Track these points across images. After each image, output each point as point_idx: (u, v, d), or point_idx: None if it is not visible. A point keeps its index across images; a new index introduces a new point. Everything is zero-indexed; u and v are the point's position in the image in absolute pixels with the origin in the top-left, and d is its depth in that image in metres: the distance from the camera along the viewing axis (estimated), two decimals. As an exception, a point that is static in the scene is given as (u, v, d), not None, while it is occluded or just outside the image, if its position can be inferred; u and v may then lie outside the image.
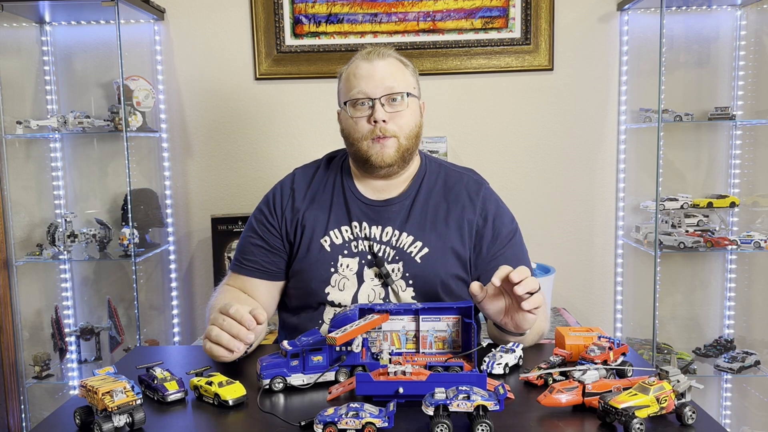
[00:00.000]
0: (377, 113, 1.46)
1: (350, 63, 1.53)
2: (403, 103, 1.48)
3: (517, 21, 2.59)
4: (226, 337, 1.24)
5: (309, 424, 0.99)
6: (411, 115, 1.51)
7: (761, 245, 2.42)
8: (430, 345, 1.30)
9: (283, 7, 2.60)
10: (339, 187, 1.57)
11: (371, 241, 1.51)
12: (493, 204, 1.56)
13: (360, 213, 1.53)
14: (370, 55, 1.50)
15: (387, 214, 1.53)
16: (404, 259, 1.49)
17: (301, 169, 1.64)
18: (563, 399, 1.03)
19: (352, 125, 1.49)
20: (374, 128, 1.47)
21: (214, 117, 2.68)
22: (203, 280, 2.75)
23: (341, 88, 1.54)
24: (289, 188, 1.59)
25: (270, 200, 1.60)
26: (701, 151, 2.66)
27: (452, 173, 1.60)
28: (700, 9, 2.58)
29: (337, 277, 1.49)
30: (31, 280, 2.66)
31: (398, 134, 1.48)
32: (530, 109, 2.65)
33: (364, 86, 1.47)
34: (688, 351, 2.62)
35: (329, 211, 1.54)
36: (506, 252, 1.54)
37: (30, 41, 2.62)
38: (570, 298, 2.71)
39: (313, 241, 1.52)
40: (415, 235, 1.50)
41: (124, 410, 0.99)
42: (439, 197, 1.55)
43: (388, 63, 1.50)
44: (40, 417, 2.60)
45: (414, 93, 1.52)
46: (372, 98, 1.46)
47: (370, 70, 1.48)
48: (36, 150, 2.66)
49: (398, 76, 1.50)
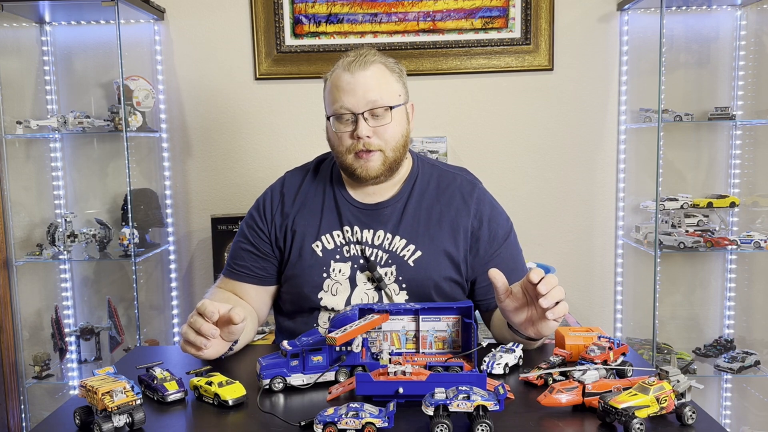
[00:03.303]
0: (360, 129, 1.42)
1: (333, 70, 1.48)
2: (388, 115, 1.44)
3: (517, 21, 2.59)
4: (192, 334, 1.26)
5: (309, 424, 0.99)
6: (397, 126, 1.47)
7: (761, 245, 2.42)
8: (430, 345, 1.30)
9: (283, 7, 2.60)
10: (330, 191, 1.55)
11: (363, 245, 1.50)
12: (487, 205, 1.55)
13: (351, 217, 1.52)
14: (352, 66, 1.43)
15: (379, 218, 1.51)
16: (397, 263, 1.48)
17: (290, 173, 1.63)
18: (563, 399, 1.03)
19: (336, 139, 1.47)
20: (357, 143, 1.44)
21: (214, 117, 2.68)
22: (203, 280, 2.75)
23: (325, 97, 1.51)
24: (279, 193, 1.58)
25: (260, 205, 1.59)
26: (701, 151, 2.66)
27: (445, 174, 1.58)
28: (700, 9, 2.58)
29: (330, 282, 1.49)
30: (31, 280, 2.66)
31: (384, 147, 1.45)
32: (530, 109, 2.65)
33: (347, 101, 1.43)
34: (688, 351, 2.62)
35: (320, 215, 1.53)
36: (502, 252, 1.53)
37: (30, 41, 2.62)
38: (570, 298, 2.70)
39: (304, 246, 1.51)
40: (408, 239, 1.49)
41: (124, 410, 0.99)
42: (432, 199, 1.54)
43: (372, 73, 1.44)
44: (40, 417, 2.60)
45: (399, 102, 1.48)
46: (355, 113, 1.43)
47: (351, 83, 1.42)
48: (36, 150, 2.66)
49: (382, 87, 1.44)
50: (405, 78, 1.53)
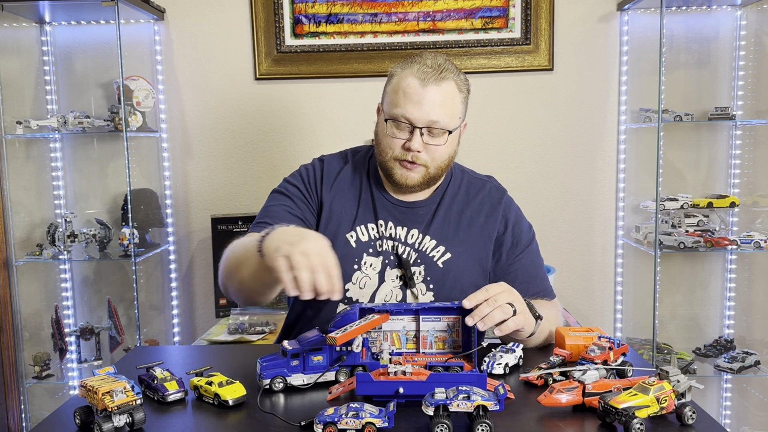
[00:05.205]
0: (414, 143, 1.42)
1: (404, 69, 1.44)
2: (444, 137, 1.44)
3: (517, 21, 2.59)
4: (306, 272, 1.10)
5: (309, 424, 0.99)
6: (447, 148, 1.46)
7: (761, 245, 2.42)
8: (430, 345, 1.30)
9: (283, 7, 2.60)
10: (366, 183, 1.55)
11: (396, 241, 1.50)
12: (513, 212, 1.58)
13: (386, 212, 1.52)
14: (427, 78, 1.40)
15: (413, 216, 1.52)
16: (426, 263, 1.49)
17: (328, 157, 1.60)
18: (563, 399, 1.03)
19: (387, 141, 1.46)
20: (406, 153, 1.43)
21: (214, 117, 2.68)
22: (203, 280, 2.75)
23: (388, 93, 1.47)
24: (321, 171, 1.56)
25: (303, 176, 1.55)
26: (701, 151, 2.66)
27: (475, 181, 1.60)
28: (700, 9, 2.57)
29: (360, 274, 1.48)
30: (31, 280, 2.66)
31: (429, 164, 1.46)
32: (530, 109, 2.65)
33: (410, 111, 1.41)
34: (688, 351, 2.61)
35: (357, 205, 1.52)
36: (523, 258, 1.55)
37: (30, 41, 2.62)
38: (570, 298, 2.70)
39: (339, 234, 1.49)
40: (438, 240, 1.50)
41: (124, 410, 0.99)
42: (462, 203, 1.55)
43: (443, 90, 1.41)
44: (40, 417, 2.60)
45: (457, 124, 1.46)
46: (414, 126, 1.42)
47: (420, 96, 1.40)
48: (36, 150, 2.65)
49: (447, 108, 1.42)
50: (469, 97, 1.50)
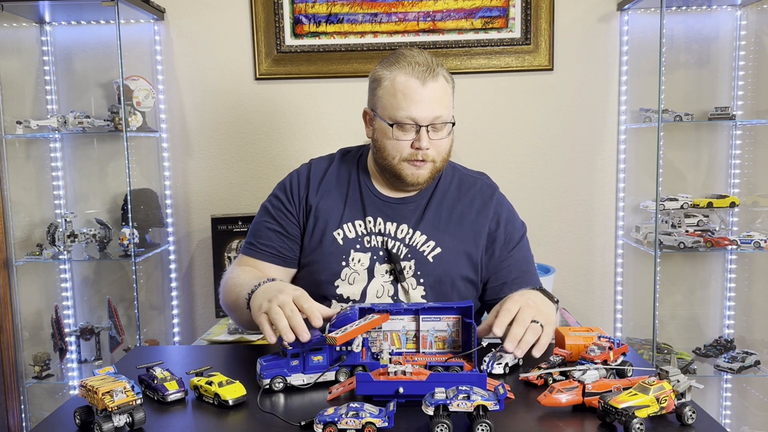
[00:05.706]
0: (423, 141, 1.44)
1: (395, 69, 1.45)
2: (446, 129, 1.48)
3: (517, 21, 2.59)
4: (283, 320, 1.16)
5: (309, 424, 0.99)
6: (449, 140, 1.51)
7: (761, 245, 2.42)
8: (430, 345, 1.30)
9: (283, 7, 2.60)
10: (355, 182, 1.57)
11: (385, 237, 1.52)
12: (505, 209, 1.59)
13: (375, 209, 1.54)
14: (425, 76, 1.43)
15: (403, 212, 1.54)
16: (416, 258, 1.50)
17: (316, 160, 1.64)
18: (563, 399, 1.03)
19: (393, 144, 1.46)
20: (416, 152, 1.45)
21: (214, 117, 2.68)
22: (203, 280, 2.75)
23: (382, 97, 1.47)
24: (306, 177, 1.59)
25: (287, 187, 1.59)
26: (701, 151, 2.65)
27: (466, 178, 1.62)
28: (700, 9, 2.57)
29: (348, 271, 1.50)
30: (31, 280, 2.66)
31: (436, 159, 1.49)
32: (530, 109, 2.65)
33: (414, 111, 1.43)
34: (688, 351, 2.61)
35: (344, 204, 1.55)
36: (516, 254, 1.57)
37: (30, 41, 2.62)
38: (570, 298, 2.70)
39: (326, 233, 1.52)
40: (428, 235, 1.52)
41: (124, 410, 0.99)
42: (453, 199, 1.57)
43: (440, 85, 1.45)
44: (40, 417, 2.60)
45: (452, 114, 1.50)
46: (420, 125, 1.44)
47: (421, 95, 1.42)
48: (36, 150, 2.65)
49: (445, 101, 1.47)
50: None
